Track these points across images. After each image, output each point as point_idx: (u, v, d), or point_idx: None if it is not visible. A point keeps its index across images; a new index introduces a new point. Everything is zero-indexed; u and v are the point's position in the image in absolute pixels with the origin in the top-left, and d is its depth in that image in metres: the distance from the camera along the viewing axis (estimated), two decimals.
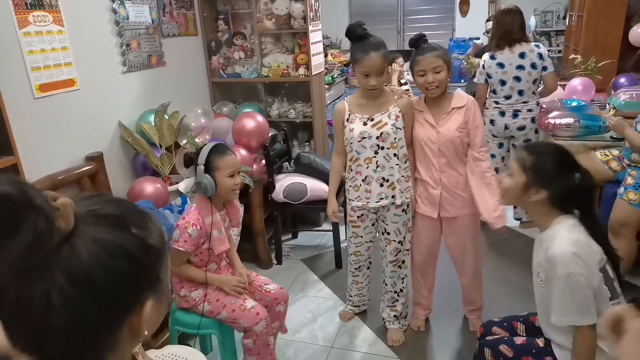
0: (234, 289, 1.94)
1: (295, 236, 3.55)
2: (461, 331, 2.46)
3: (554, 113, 3.11)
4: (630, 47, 4.09)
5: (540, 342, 1.58)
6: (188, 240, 1.84)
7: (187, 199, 2.52)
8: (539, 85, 3.17)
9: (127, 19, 2.75)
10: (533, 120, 3.16)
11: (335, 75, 4.92)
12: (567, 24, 5.57)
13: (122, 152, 2.74)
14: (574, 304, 1.38)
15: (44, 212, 0.55)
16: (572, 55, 3.83)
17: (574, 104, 3.26)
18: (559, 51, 5.95)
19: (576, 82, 3.58)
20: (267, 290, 2.08)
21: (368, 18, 6.61)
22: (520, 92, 3.12)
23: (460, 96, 2.13)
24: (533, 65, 3.06)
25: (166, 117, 2.73)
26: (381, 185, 2.15)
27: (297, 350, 2.37)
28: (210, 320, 1.94)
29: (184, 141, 2.79)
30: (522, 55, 3.06)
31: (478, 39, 5.60)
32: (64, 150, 2.34)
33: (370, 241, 2.36)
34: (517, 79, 3.09)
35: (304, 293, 2.85)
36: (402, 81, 4.27)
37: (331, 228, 3.06)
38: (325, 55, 5.14)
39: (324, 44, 4.30)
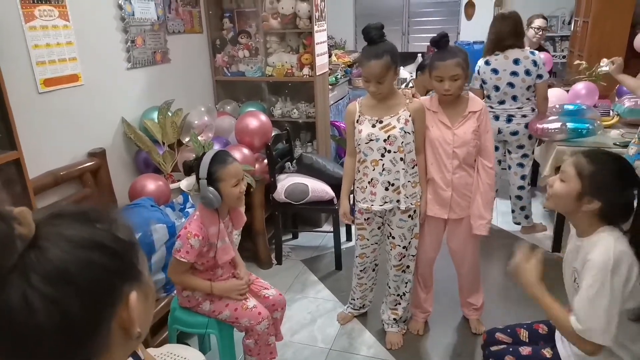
0: (239, 295, 1.93)
1: (295, 236, 3.54)
2: (461, 334, 2.45)
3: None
4: (635, 54, 4.08)
5: (547, 352, 1.55)
6: (190, 251, 1.80)
7: (189, 197, 2.51)
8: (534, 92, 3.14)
9: (133, 15, 2.74)
10: (527, 126, 3.16)
11: (339, 76, 4.91)
12: (572, 29, 5.55)
13: (125, 148, 2.73)
14: (603, 313, 1.30)
15: (2, 216, 0.55)
16: (577, 61, 3.81)
17: (571, 107, 3.26)
18: (564, 57, 5.94)
19: (580, 87, 3.57)
20: (266, 295, 2.06)
21: (373, 19, 6.58)
22: (514, 98, 3.11)
23: (475, 100, 2.13)
24: (527, 72, 3.04)
25: (169, 114, 2.72)
26: (386, 189, 2.14)
27: (295, 351, 2.36)
28: (211, 319, 1.93)
29: (187, 139, 2.78)
30: (516, 62, 3.05)
31: (483, 42, 5.58)
32: (66, 146, 2.33)
33: (376, 243, 2.35)
34: (511, 85, 3.08)
35: (303, 294, 2.84)
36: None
37: (332, 229, 3.06)
38: (330, 56, 5.13)
39: (328, 45, 4.29)
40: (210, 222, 1.84)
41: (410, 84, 4.06)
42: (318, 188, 3.04)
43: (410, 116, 2.08)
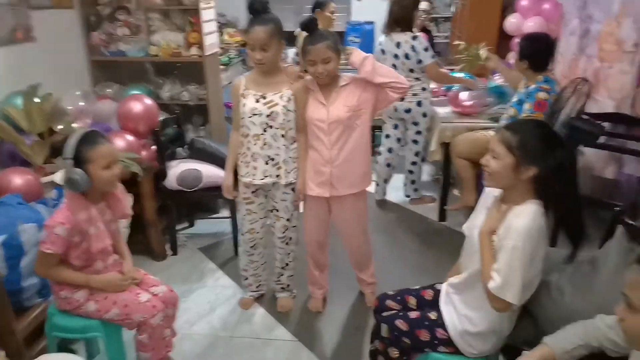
0: (118, 289, 1.80)
1: (192, 224, 3.41)
2: (358, 308, 2.54)
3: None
4: (505, 36, 4.46)
5: (432, 315, 1.68)
6: (56, 241, 1.65)
7: (64, 191, 2.29)
8: (422, 72, 3.24)
9: None
10: (419, 104, 3.31)
11: (232, 56, 4.77)
12: (453, 11, 5.90)
13: None
14: (520, 274, 1.40)
15: None
16: (457, 42, 4.06)
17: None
18: (446, 37, 6.31)
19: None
20: (155, 293, 1.93)
21: None
22: None
23: (345, 76, 2.18)
24: (406, 56, 3.16)
25: (36, 100, 2.44)
26: (266, 163, 2.19)
27: (194, 343, 2.29)
28: (94, 321, 1.79)
29: (60, 127, 2.52)
30: (398, 45, 3.18)
31: (373, 23, 5.68)
32: None
33: (265, 217, 2.37)
34: (394, 66, 3.18)
35: (201, 283, 2.76)
36: None
37: (229, 214, 2.99)
38: (221, 35, 4.95)
39: (220, 23, 4.13)
40: (79, 208, 1.70)
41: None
42: (212, 173, 2.93)
43: (292, 95, 2.14)
